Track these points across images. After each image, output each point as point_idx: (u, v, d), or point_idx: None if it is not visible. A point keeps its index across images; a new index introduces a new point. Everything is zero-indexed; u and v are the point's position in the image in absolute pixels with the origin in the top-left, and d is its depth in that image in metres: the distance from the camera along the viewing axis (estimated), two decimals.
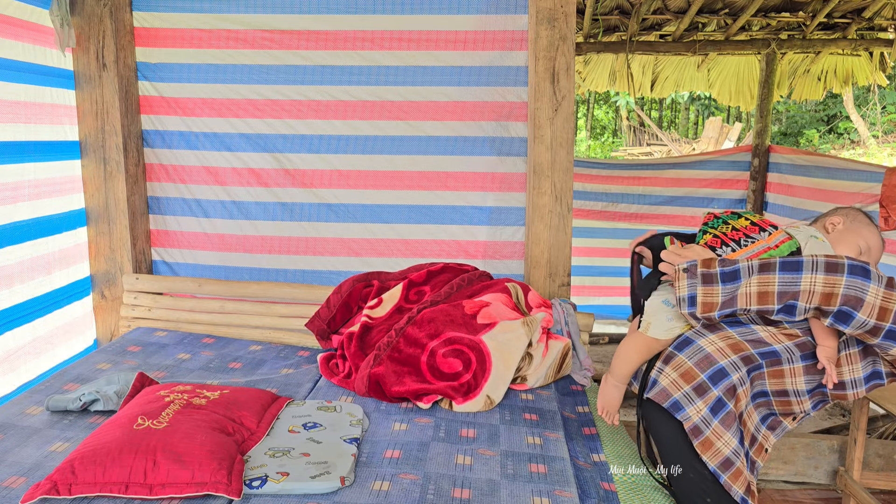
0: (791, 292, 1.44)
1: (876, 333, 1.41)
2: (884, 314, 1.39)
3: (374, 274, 2.71)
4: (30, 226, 2.53)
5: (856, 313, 1.39)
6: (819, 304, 1.42)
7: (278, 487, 1.56)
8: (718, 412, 1.54)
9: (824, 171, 4.91)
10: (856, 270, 1.40)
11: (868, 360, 1.56)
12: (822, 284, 1.41)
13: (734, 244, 1.64)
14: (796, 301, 1.44)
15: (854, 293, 1.39)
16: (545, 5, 2.62)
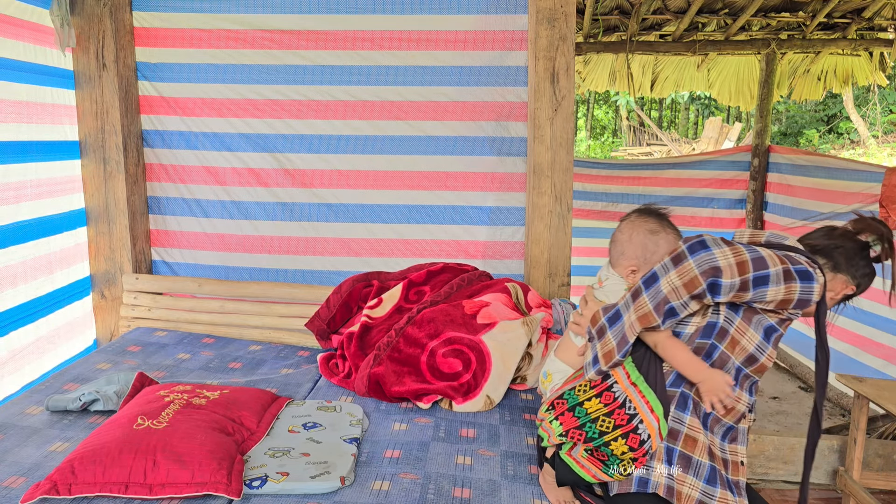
0: (661, 300, 1.50)
1: (746, 287, 1.47)
2: (742, 267, 1.46)
3: (373, 274, 2.71)
4: (32, 225, 2.53)
5: (721, 280, 1.46)
6: (688, 293, 1.48)
7: (278, 487, 1.56)
8: (672, 459, 1.53)
9: (824, 171, 4.91)
10: (695, 248, 1.50)
11: (755, 321, 1.56)
12: (678, 276, 1.49)
13: None
14: (670, 303, 1.49)
15: (707, 266, 1.47)
16: (545, 5, 2.62)
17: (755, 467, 3.00)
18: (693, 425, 1.55)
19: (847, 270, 1.68)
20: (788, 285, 1.50)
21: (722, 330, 1.57)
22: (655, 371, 1.59)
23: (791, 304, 1.53)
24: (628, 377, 1.57)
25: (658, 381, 1.58)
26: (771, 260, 1.50)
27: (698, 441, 1.54)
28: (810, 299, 1.53)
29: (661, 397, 1.55)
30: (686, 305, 1.51)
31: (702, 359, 1.57)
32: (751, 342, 1.56)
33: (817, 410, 1.66)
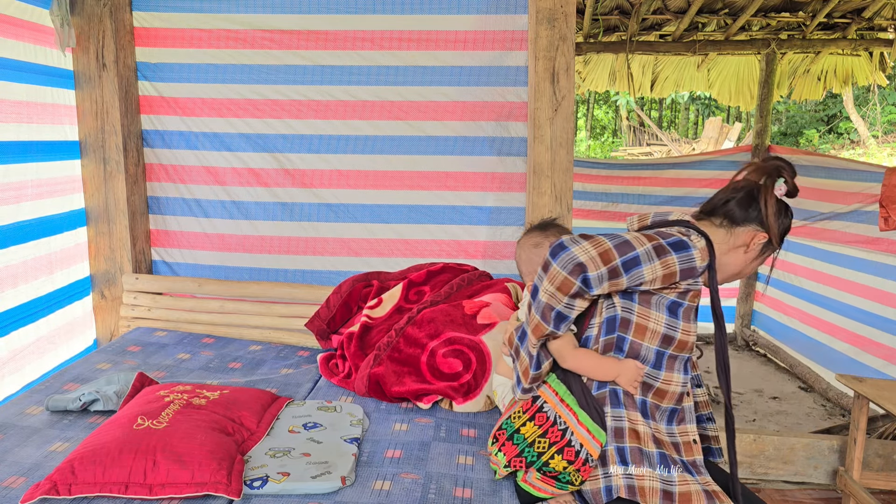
0: (544, 307, 1.53)
1: (617, 273, 1.49)
2: (605, 256, 1.49)
3: (373, 274, 2.71)
4: (33, 225, 2.53)
5: (588, 273, 1.48)
6: (566, 294, 1.50)
7: (279, 487, 1.56)
8: (626, 457, 1.54)
9: (824, 171, 4.91)
10: (556, 251, 1.51)
11: (654, 302, 1.57)
12: (550, 283, 1.51)
13: None
14: (554, 308, 1.52)
15: (571, 264, 1.48)
16: (545, 5, 2.62)
17: (755, 467, 3.00)
18: (633, 418, 1.57)
19: (746, 219, 1.66)
20: (663, 259, 1.50)
21: (623, 320, 1.59)
22: (578, 382, 1.61)
23: (677, 276, 1.52)
24: (556, 395, 1.59)
25: (583, 390, 1.60)
26: (637, 241, 1.52)
27: (640, 432, 1.55)
28: (694, 266, 1.52)
29: (590, 405, 1.57)
30: (571, 306, 1.52)
31: (614, 353, 1.59)
32: (658, 323, 1.57)
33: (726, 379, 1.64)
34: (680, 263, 1.52)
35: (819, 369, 4.91)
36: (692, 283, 1.56)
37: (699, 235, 1.58)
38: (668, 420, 1.59)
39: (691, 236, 1.56)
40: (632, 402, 1.58)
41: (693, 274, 1.54)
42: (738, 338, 5.92)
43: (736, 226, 1.67)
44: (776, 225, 1.65)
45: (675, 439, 1.58)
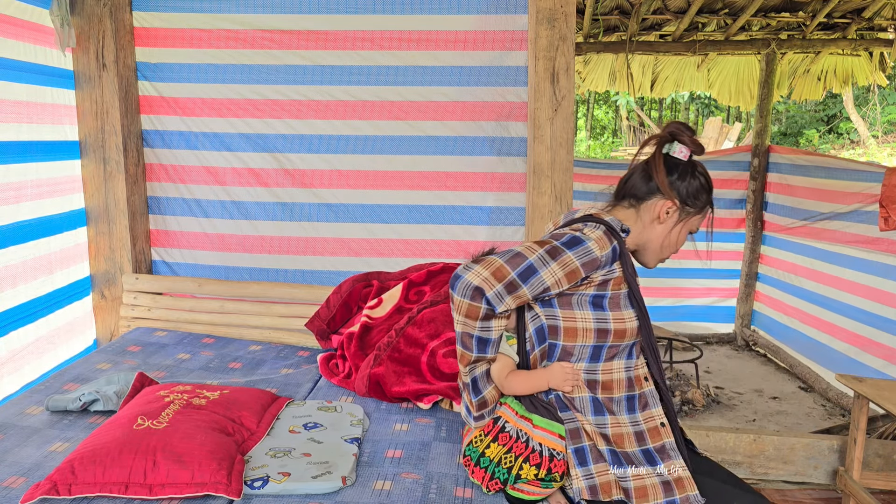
0: (461, 335, 1.57)
1: (515, 286, 1.49)
2: (498, 273, 1.49)
3: (373, 274, 2.70)
4: (32, 225, 2.53)
5: (487, 294, 1.48)
6: (476, 319, 1.52)
7: (280, 488, 1.56)
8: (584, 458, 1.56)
9: (824, 171, 4.91)
10: (453, 283, 1.53)
11: (574, 302, 1.58)
12: (457, 313, 1.53)
13: None
14: (471, 333, 1.55)
15: (469, 291, 1.49)
16: (545, 5, 2.62)
17: (755, 467, 3.00)
18: (581, 418, 1.58)
19: (649, 192, 1.66)
20: (560, 260, 1.50)
21: (551, 328, 1.60)
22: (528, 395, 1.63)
23: (581, 272, 1.52)
24: (516, 413, 1.60)
25: (531, 398, 1.62)
26: (528, 251, 1.52)
27: (590, 431, 1.57)
28: (594, 256, 1.52)
29: (539, 406, 1.59)
30: (488, 328, 1.54)
31: (548, 361, 1.61)
32: (586, 321, 1.57)
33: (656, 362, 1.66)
34: (578, 259, 1.51)
35: (819, 369, 4.91)
36: (606, 272, 1.55)
37: (596, 225, 1.57)
38: (629, 409, 1.59)
39: (584, 230, 1.56)
40: (579, 402, 1.59)
41: (597, 265, 1.53)
42: (738, 338, 5.92)
43: (641, 202, 1.67)
44: (681, 187, 1.63)
45: (640, 427, 1.58)
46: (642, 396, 1.61)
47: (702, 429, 3.06)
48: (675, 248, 1.72)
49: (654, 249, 1.70)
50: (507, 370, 1.63)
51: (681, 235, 1.69)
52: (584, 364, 1.59)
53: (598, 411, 1.58)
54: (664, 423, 1.60)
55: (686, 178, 1.64)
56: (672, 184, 1.63)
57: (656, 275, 5.90)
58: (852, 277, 4.57)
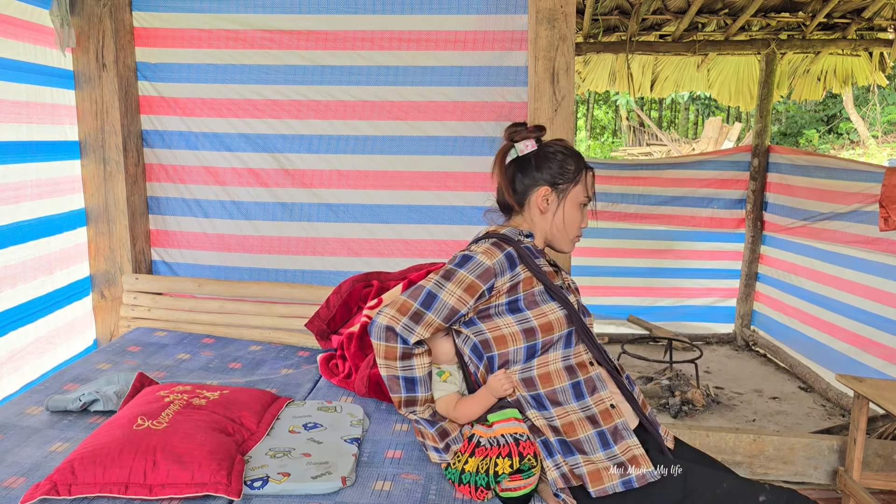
0: (386, 378, 1.67)
1: (420, 316, 1.59)
2: (402, 308, 1.61)
3: (373, 274, 2.70)
4: (32, 226, 2.53)
5: (396, 328, 1.59)
6: (394, 358, 1.63)
7: (280, 488, 1.56)
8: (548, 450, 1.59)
9: (824, 171, 4.91)
10: (369, 329, 1.65)
11: (493, 311, 1.65)
12: (377, 356, 1.65)
13: None
14: (395, 374, 1.65)
15: (382, 332, 1.62)
16: (545, 5, 2.62)
17: (755, 467, 3.00)
18: (531, 415, 1.62)
19: (523, 192, 1.78)
20: (455, 279, 1.61)
21: (483, 343, 1.66)
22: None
23: (481, 284, 1.61)
24: (486, 427, 1.61)
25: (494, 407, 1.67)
26: (427, 281, 1.64)
27: (540, 426, 1.60)
28: (486, 266, 1.61)
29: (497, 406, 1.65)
30: (410, 367, 1.63)
31: (491, 373, 1.65)
32: (509, 325, 1.64)
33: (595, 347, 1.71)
34: (470, 273, 1.61)
35: (819, 369, 4.91)
36: (511, 277, 1.63)
37: (484, 240, 1.69)
38: (577, 395, 1.62)
39: (472, 246, 1.68)
40: (522, 401, 1.63)
41: (492, 273, 1.61)
42: (738, 338, 5.92)
43: (523, 204, 1.77)
44: (544, 174, 1.74)
45: (592, 411, 1.61)
46: (589, 381, 1.65)
47: (702, 429, 3.06)
48: (576, 223, 1.79)
49: (557, 235, 1.79)
50: (454, 402, 1.69)
51: (573, 211, 1.77)
52: (519, 365, 1.63)
53: (541, 406, 1.62)
54: (614, 405, 1.63)
55: (543, 163, 1.74)
56: (535, 175, 1.75)
57: (656, 275, 5.91)
58: (852, 277, 4.57)
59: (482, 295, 1.61)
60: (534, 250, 1.74)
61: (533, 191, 1.76)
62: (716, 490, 1.51)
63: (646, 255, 5.90)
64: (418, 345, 1.63)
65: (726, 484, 1.53)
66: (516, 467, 1.52)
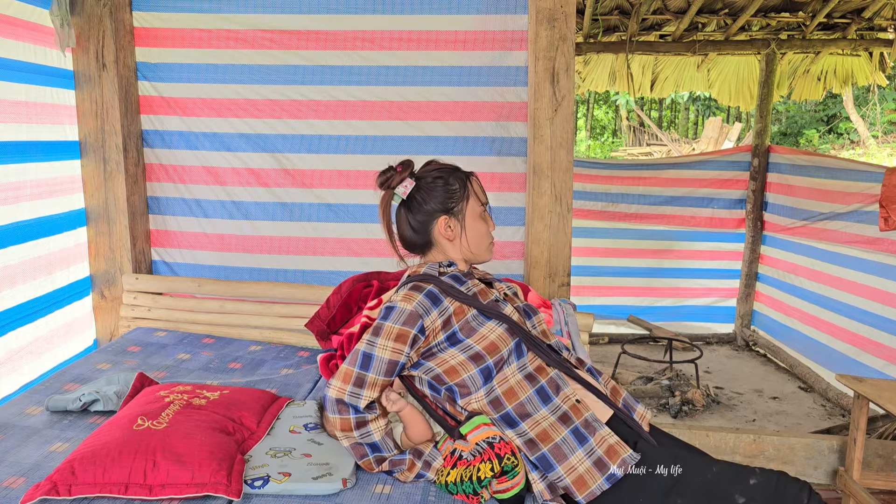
0: (353, 448, 1.63)
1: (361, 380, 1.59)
2: (346, 377, 1.60)
3: (373, 274, 2.70)
4: (32, 226, 2.53)
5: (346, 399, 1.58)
6: (352, 430, 1.60)
7: (280, 488, 1.56)
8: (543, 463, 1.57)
9: (824, 171, 4.91)
10: (324, 404, 1.70)
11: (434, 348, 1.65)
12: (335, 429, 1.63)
13: None
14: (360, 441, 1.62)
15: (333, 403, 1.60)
16: (545, 5, 2.62)
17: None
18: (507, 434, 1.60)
19: (421, 230, 1.75)
20: (383, 332, 1.60)
21: (435, 378, 1.66)
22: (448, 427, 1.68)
23: (411, 330, 1.60)
24: (465, 438, 1.61)
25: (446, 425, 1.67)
26: (361, 342, 1.62)
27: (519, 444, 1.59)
28: (410, 311, 1.60)
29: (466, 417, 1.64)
30: (367, 434, 1.61)
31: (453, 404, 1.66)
32: (455, 357, 1.63)
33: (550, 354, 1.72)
34: (396, 323, 1.60)
35: (819, 369, 4.91)
36: (441, 313, 1.63)
37: (403, 287, 1.67)
38: (544, 400, 1.62)
39: (394, 296, 1.66)
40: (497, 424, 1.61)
41: (417, 316, 1.60)
42: (738, 338, 5.92)
43: (428, 240, 1.76)
44: (433, 204, 1.72)
45: (562, 409, 1.61)
46: (551, 381, 1.65)
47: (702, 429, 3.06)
48: (484, 233, 1.78)
49: (474, 252, 1.78)
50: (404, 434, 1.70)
51: (475, 224, 1.76)
52: (482, 390, 1.62)
53: (512, 423, 1.61)
54: (579, 400, 1.63)
55: (429, 195, 1.73)
56: (426, 209, 1.72)
57: (656, 275, 5.91)
58: (852, 277, 4.57)
59: (415, 339, 1.61)
60: (460, 276, 1.73)
61: (432, 225, 1.74)
62: (706, 475, 1.51)
63: (646, 255, 5.90)
64: (370, 409, 1.60)
65: (716, 468, 1.53)
66: (497, 470, 1.52)
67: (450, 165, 1.79)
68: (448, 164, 1.80)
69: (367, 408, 1.60)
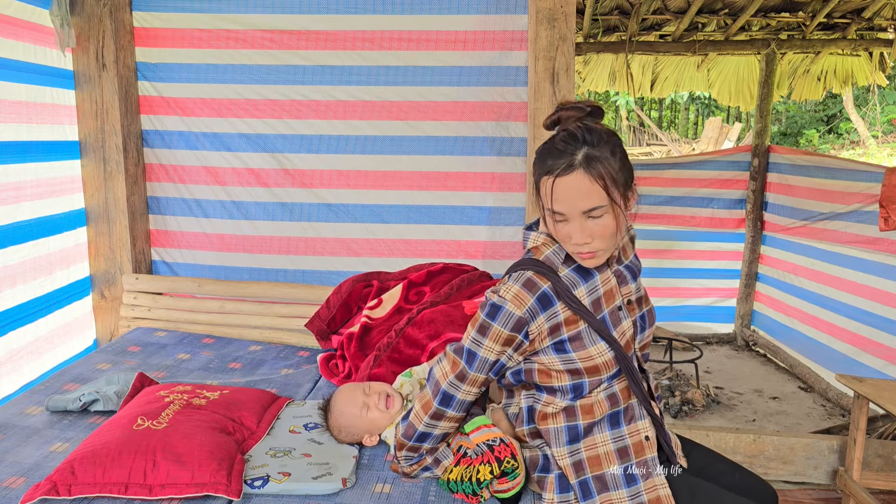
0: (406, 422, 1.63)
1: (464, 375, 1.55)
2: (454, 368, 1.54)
3: (373, 274, 2.70)
4: (32, 226, 2.53)
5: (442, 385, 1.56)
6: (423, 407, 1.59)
7: (280, 488, 1.56)
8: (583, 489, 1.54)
9: (824, 171, 4.91)
10: (428, 376, 1.62)
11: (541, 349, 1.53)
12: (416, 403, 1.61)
13: None
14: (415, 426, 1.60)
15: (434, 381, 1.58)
16: (545, 5, 2.62)
17: (755, 467, 3.00)
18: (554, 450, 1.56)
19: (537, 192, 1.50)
20: (490, 334, 1.48)
21: (527, 371, 1.57)
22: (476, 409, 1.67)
23: (517, 333, 1.47)
24: (468, 436, 1.62)
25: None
26: (466, 337, 1.53)
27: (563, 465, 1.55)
28: (518, 317, 1.45)
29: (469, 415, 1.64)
30: (433, 425, 1.58)
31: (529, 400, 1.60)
32: (554, 364, 1.52)
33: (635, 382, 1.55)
34: (503, 326, 1.46)
35: (819, 369, 4.91)
36: (549, 318, 1.47)
37: (518, 276, 1.48)
38: (613, 424, 1.54)
39: (501, 290, 1.49)
40: (553, 433, 1.55)
41: (524, 323, 1.46)
42: (738, 338, 5.92)
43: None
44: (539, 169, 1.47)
45: (625, 442, 1.53)
46: (629, 409, 1.55)
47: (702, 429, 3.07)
48: (562, 236, 1.47)
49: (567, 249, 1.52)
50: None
51: (549, 219, 1.50)
52: (565, 400, 1.54)
53: (574, 439, 1.53)
54: (648, 437, 1.54)
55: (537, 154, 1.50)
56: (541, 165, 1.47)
57: (656, 275, 5.91)
58: (852, 277, 4.57)
59: (520, 344, 1.49)
60: (580, 275, 1.51)
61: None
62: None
63: (646, 255, 5.88)
64: (457, 407, 1.56)
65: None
66: (497, 472, 1.52)
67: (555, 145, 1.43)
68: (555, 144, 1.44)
69: (455, 406, 1.55)
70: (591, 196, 1.38)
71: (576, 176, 1.38)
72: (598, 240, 1.42)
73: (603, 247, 1.43)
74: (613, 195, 1.38)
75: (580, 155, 1.37)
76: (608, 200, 1.38)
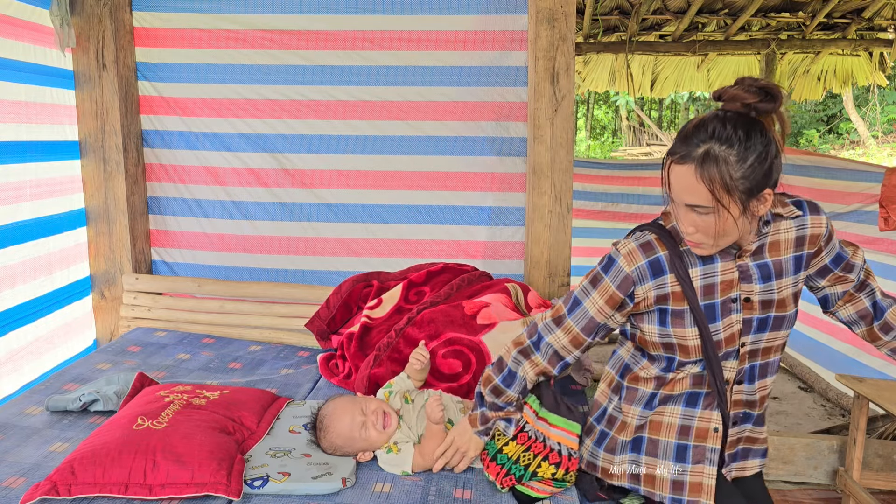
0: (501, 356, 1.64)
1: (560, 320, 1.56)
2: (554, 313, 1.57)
3: (373, 274, 2.70)
4: (31, 226, 2.53)
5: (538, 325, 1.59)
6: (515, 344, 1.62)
7: (280, 487, 1.56)
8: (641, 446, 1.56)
9: (824, 171, 4.91)
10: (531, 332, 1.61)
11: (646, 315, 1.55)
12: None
13: None
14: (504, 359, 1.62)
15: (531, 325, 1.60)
16: (545, 5, 2.62)
17: None
18: (627, 409, 1.58)
19: None
20: (599, 287, 1.48)
21: (633, 335, 1.59)
22: (548, 391, 1.64)
23: (620, 294, 1.46)
24: (536, 414, 1.62)
25: (555, 397, 1.62)
26: (579, 284, 1.54)
27: (629, 422, 1.57)
28: (626, 274, 1.44)
29: (559, 404, 1.60)
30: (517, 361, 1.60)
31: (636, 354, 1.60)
32: (653, 334, 1.52)
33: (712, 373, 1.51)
34: (612, 281, 1.46)
35: (819, 369, 4.90)
36: (657, 286, 1.44)
37: (639, 235, 1.47)
38: (690, 403, 1.52)
39: (619, 244, 1.48)
40: (640, 395, 1.56)
41: (630, 283, 1.44)
42: None
43: None
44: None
45: (692, 422, 1.52)
46: (710, 395, 1.51)
47: None
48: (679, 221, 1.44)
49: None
50: (412, 454, 1.69)
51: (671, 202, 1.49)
52: (659, 371, 1.53)
53: (649, 405, 1.55)
54: (717, 429, 1.50)
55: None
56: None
57: None
58: None
59: (623, 304, 1.47)
60: (700, 256, 1.45)
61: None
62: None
63: None
64: (544, 351, 1.55)
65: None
66: (558, 477, 1.53)
67: (693, 126, 1.37)
68: (694, 125, 1.36)
69: (542, 349, 1.55)
70: (696, 194, 1.33)
71: (687, 169, 1.34)
72: (700, 233, 1.38)
73: (706, 241, 1.39)
74: (721, 199, 1.30)
75: (701, 149, 1.31)
76: (713, 202, 1.31)
